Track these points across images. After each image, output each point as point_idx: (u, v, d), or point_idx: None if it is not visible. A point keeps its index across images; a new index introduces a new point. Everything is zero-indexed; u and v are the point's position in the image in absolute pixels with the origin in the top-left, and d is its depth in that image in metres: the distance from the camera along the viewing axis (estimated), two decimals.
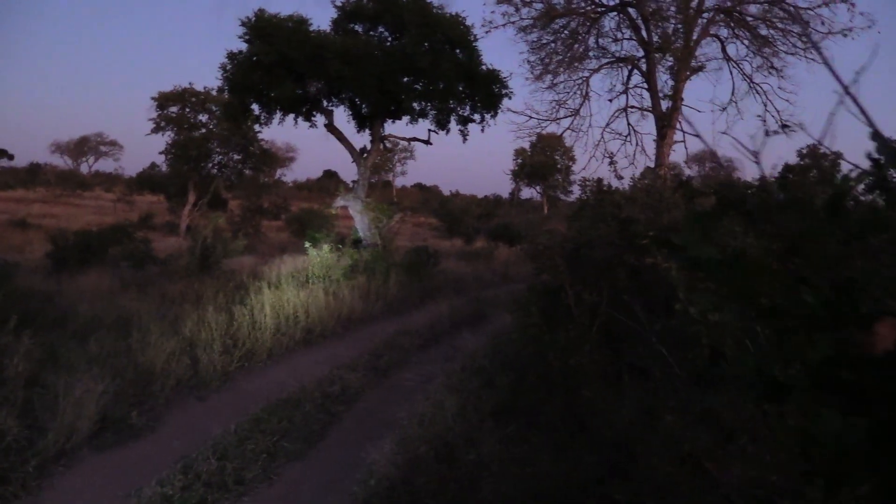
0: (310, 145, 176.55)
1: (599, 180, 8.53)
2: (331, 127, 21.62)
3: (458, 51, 21.24)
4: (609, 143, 15.94)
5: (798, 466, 1.74)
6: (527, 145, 52.31)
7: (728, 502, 3.45)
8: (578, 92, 15.78)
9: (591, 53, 15.53)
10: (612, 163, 14.46)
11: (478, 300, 14.49)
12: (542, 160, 53.25)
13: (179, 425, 6.75)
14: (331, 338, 10.86)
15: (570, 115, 15.82)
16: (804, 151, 39.99)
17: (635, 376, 5.77)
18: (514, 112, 16.73)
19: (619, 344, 6.72)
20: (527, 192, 60.29)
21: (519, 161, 54.93)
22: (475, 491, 5.07)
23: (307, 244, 15.37)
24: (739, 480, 3.39)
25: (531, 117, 15.97)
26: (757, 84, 14.62)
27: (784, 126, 13.72)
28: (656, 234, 5.74)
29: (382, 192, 59.61)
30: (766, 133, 2.09)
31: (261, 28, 19.80)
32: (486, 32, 15.16)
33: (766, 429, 2.76)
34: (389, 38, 21.74)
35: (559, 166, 54.21)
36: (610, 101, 15.73)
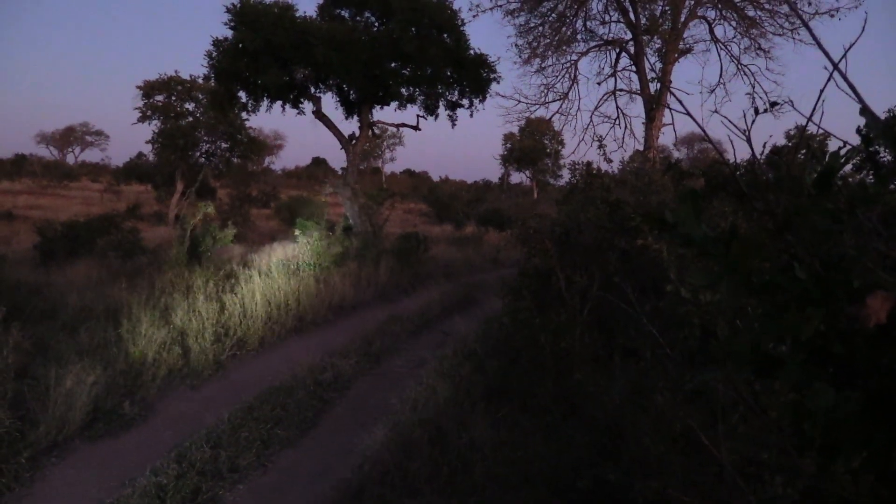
0: (298, 133, 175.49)
1: (589, 163, 8.50)
2: (319, 114, 21.47)
3: (445, 35, 21.12)
4: (598, 127, 15.96)
5: (791, 441, 1.76)
6: (516, 130, 52.31)
7: (720, 480, 3.49)
8: (567, 75, 15.73)
9: (578, 36, 15.45)
10: (601, 146, 14.36)
11: (468, 285, 14.52)
12: (531, 144, 53.13)
13: (172, 415, 6.74)
14: (322, 325, 10.84)
15: (558, 99, 15.77)
16: (792, 132, 40.19)
17: (626, 358, 5.79)
18: (503, 96, 16.64)
19: (609, 326, 6.76)
20: (516, 177, 60.30)
21: (508, 146, 54.82)
22: (468, 474, 5.10)
23: (297, 232, 15.32)
24: (731, 458, 3.42)
25: (520, 101, 15.87)
26: (745, 66, 14.63)
27: (773, 104, 13.67)
28: (648, 213, 5.73)
29: (372, 179, 59.52)
30: (756, 112, 2.09)
31: (246, 14, 19.58)
32: (474, 16, 15.07)
33: (757, 406, 2.78)
34: (376, 24, 21.57)
35: (548, 150, 54.11)
36: (599, 84, 15.71)
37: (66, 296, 10.12)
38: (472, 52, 21.45)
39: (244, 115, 22.16)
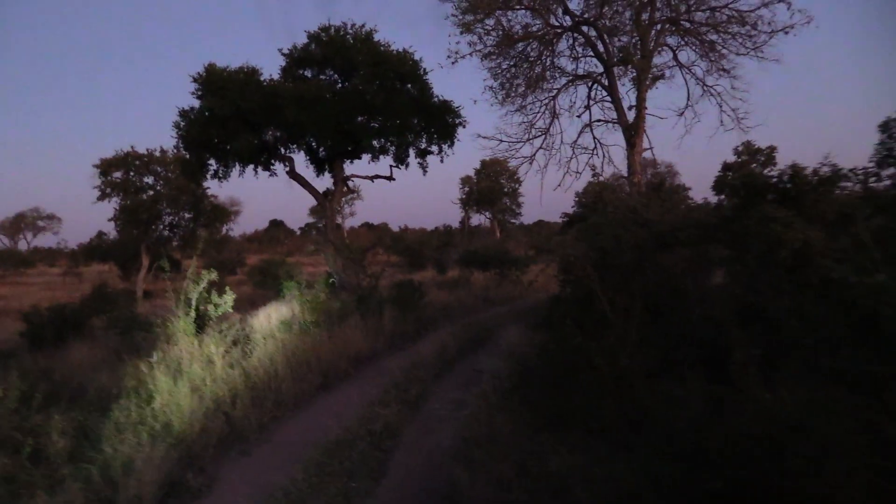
0: (251, 197, 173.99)
1: (600, 191, 8.80)
2: (293, 174, 21.59)
3: (409, 85, 21.58)
4: (580, 158, 16.40)
5: None
6: (473, 172, 53.12)
7: None
8: (546, 111, 16.22)
9: (547, 74, 15.99)
10: (594, 175, 14.87)
11: (471, 325, 14.64)
12: (488, 185, 53.97)
13: (235, 481, 6.61)
14: (345, 379, 10.77)
15: (540, 135, 16.24)
16: (739, 148, 41.82)
17: (696, 368, 5.94)
18: (485, 137, 17.04)
19: (660, 340, 6.94)
20: (475, 219, 60.99)
21: (466, 189, 55.58)
22: (570, 500, 5.13)
23: (294, 292, 15.25)
24: None
25: (502, 140, 16.25)
26: (710, 87, 15.36)
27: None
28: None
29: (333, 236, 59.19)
30: None
31: (213, 82, 19.73)
32: (453, 63, 15.45)
33: None
34: (339, 81, 21.91)
35: (506, 190, 55.02)
36: (578, 116, 16.21)
37: (77, 379, 9.88)
38: (436, 99, 21.95)
39: (216, 182, 22.05)
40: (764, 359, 5.39)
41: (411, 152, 22.27)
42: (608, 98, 15.45)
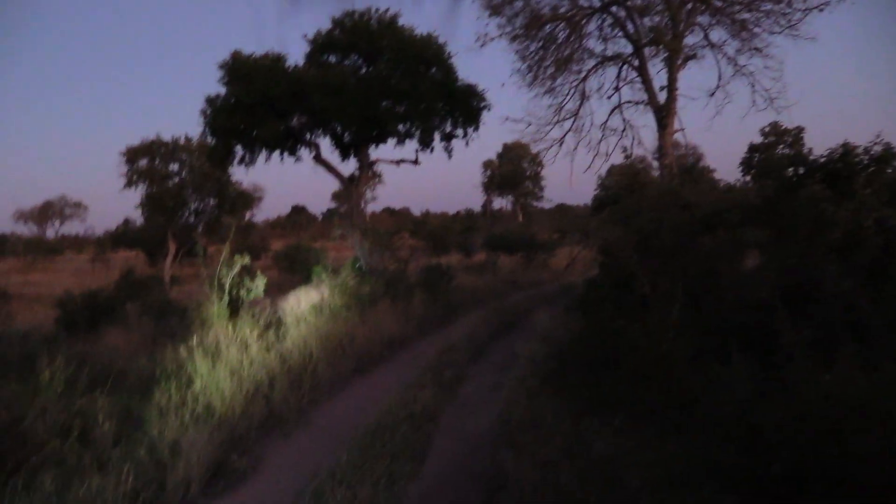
0: (273, 183, 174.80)
1: (636, 173, 8.71)
2: (319, 159, 21.64)
3: (433, 69, 21.49)
4: (609, 140, 16.22)
5: None
6: (495, 156, 52.88)
7: None
8: (575, 93, 16.04)
9: (576, 56, 15.80)
10: (627, 157, 14.75)
11: (501, 309, 14.64)
12: (511, 169, 53.77)
13: (279, 463, 6.67)
14: (379, 362, 10.83)
15: (569, 118, 16.08)
16: (766, 129, 41.15)
17: (745, 352, 5.86)
18: (514, 120, 16.88)
19: (702, 324, 6.86)
20: (497, 203, 60.81)
21: (488, 173, 55.41)
22: (621, 485, 5.11)
23: (322, 276, 15.31)
24: None
25: (530, 123, 16.11)
26: (742, 66, 15.07)
27: None
28: None
29: (359, 220, 59.39)
30: None
31: (239, 69, 19.79)
32: (482, 46, 15.31)
33: None
34: (364, 66, 21.87)
35: (528, 173, 54.78)
36: (608, 98, 16.02)
37: (117, 363, 9.99)
38: (461, 82, 21.85)
39: (242, 168, 22.16)
40: (817, 341, 5.30)
41: (436, 136, 22.21)
42: (638, 79, 15.25)
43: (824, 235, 5.65)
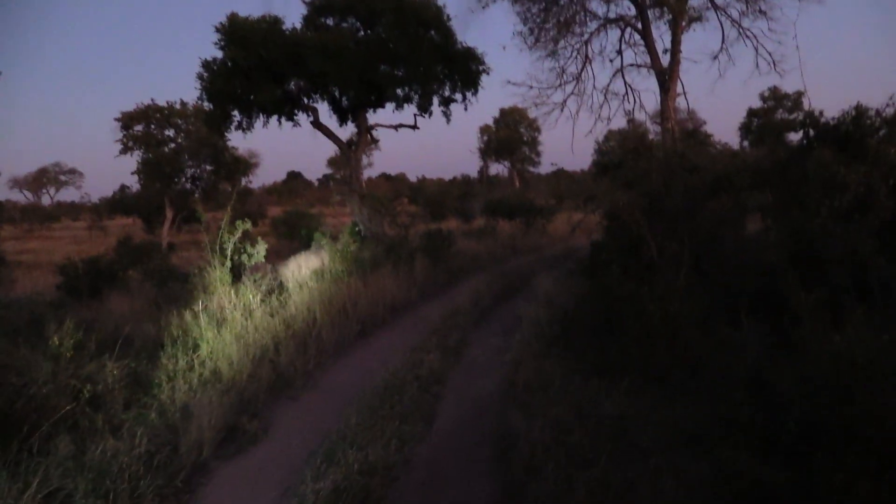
0: (268, 149, 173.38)
1: (642, 136, 8.65)
2: (317, 124, 21.39)
3: (432, 32, 21.16)
4: (611, 104, 16.10)
5: None
6: (492, 121, 52.48)
7: None
8: (578, 56, 15.87)
9: (577, 18, 15.61)
10: (630, 120, 14.67)
11: (503, 274, 14.69)
12: (508, 135, 53.41)
13: (289, 425, 6.74)
14: (382, 326, 10.89)
15: (571, 81, 15.93)
16: (765, 94, 40.85)
17: (753, 315, 5.90)
18: (515, 84, 16.74)
19: (709, 287, 6.89)
20: (493, 169, 60.53)
21: (485, 138, 55.05)
22: (632, 443, 5.17)
23: (322, 241, 15.29)
24: None
25: (532, 87, 15.96)
26: (746, 29, 14.92)
27: None
28: None
29: (358, 186, 59.25)
30: None
31: (236, 32, 19.42)
32: (484, 7, 15.13)
33: None
34: (362, 29, 21.53)
35: (525, 139, 54.45)
36: (611, 61, 15.86)
37: (122, 328, 10.00)
38: (459, 45, 21.54)
39: (240, 133, 21.90)
40: (824, 303, 5.33)
41: (435, 100, 21.95)
42: (641, 42, 15.08)
43: (835, 199, 5.63)
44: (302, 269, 15.00)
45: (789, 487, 3.75)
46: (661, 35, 14.68)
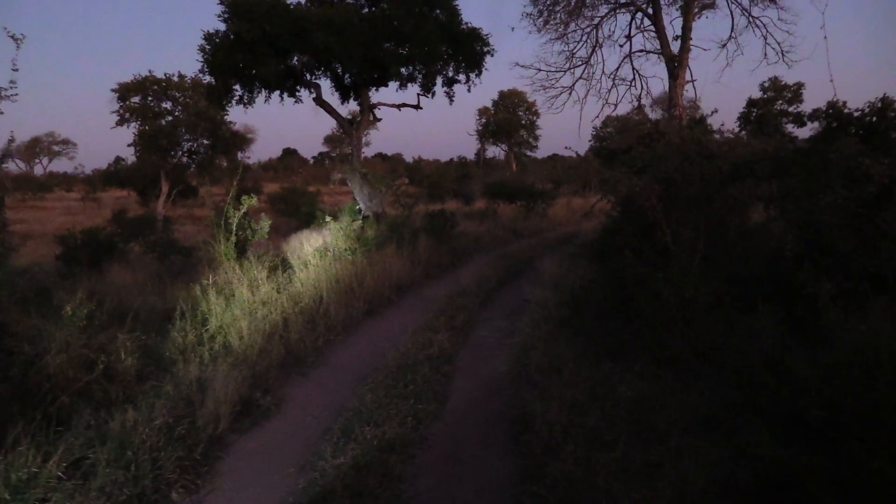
0: (264, 124, 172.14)
1: (656, 123, 8.64)
2: (320, 100, 21.25)
3: (437, 11, 20.99)
4: (619, 89, 16.05)
5: None
6: (490, 103, 52.24)
7: None
8: (588, 40, 15.79)
9: (587, 1, 15.50)
10: (639, 106, 14.63)
11: (506, 256, 14.75)
12: (506, 117, 53.20)
13: (301, 401, 6.76)
14: (388, 306, 10.92)
15: (580, 65, 15.85)
16: (766, 84, 40.79)
17: (769, 302, 5.93)
18: (523, 66, 16.65)
19: (723, 273, 6.92)
20: (490, 152, 60.34)
21: (483, 120, 54.82)
22: (649, 425, 5.22)
23: (327, 219, 15.24)
24: None
25: (540, 70, 15.89)
26: (756, 18, 14.86)
27: None
28: None
29: (360, 164, 59.11)
30: None
31: (240, 5, 19.22)
32: None
33: None
34: (366, 5, 21.35)
35: (523, 122, 54.27)
36: (620, 46, 15.78)
37: (126, 300, 9.97)
38: (465, 26, 21.39)
39: (241, 108, 21.74)
40: (842, 292, 5.37)
41: (439, 81, 21.83)
42: (651, 28, 15.01)
43: (857, 189, 5.65)
44: (304, 246, 14.98)
45: (814, 470, 3.80)
46: (672, 21, 14.62)
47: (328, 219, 15.20)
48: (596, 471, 4.60)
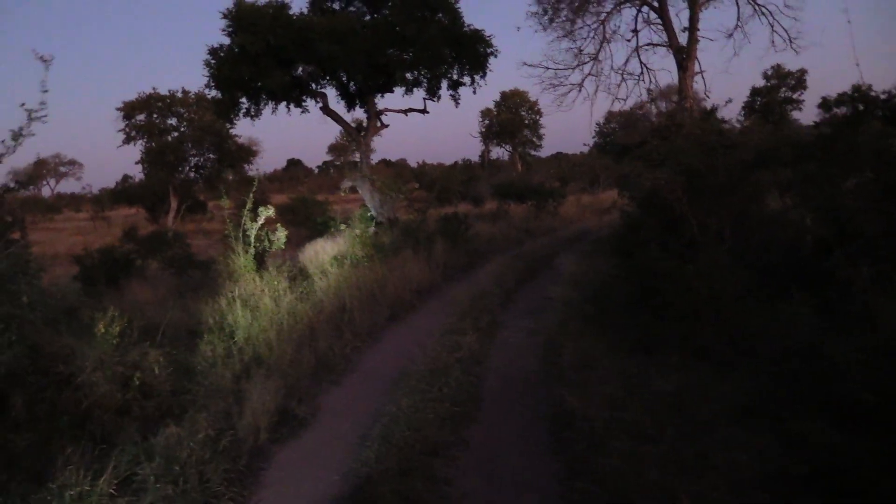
0: (267, 136, 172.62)
1: (671, 115, 8.64)
2: (327, 109, 21.31)
3: (439, 15, 21.03)
4: (627, 83, 16.04)
5: None
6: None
7: None
8: (595, 36, 15.79)
9: None
10: (652, 99, 14.64)
11: (521, 256, 14.76)
12: (508, 118, 53.22)
13: (336, 409, 6.77)
14: (410, 310, 10.93)
15: (589, 61, 15.86)
16: (769, 72, 40.69)
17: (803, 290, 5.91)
18: (530, 65, 16.65)
19: (750, 263, 6.91)
20: (494, 153, 60.33)
21: (486, 122, 54.85)
22: (690, 418, 5.21)
23: (341, 228, 15.30)
24: None
25: (548, 68, 15.90)
26: (761, 6, 14.84)
27: None
28: None
29: (369, 171, 59.19)
30: None
31: (243, 18, 19.29)
32: None
33: None
34: (368, 13, 21.43)
35: (527, 122, 54.29)
36: (628, 41, 15.78)
37: (149, 315, 10.00)
38: (467, 28, 21.43)
39: (248, 120, 21.83)
40: (875, 277, 5.36)
41: (443, 84, 21.87)
42: (658, 20, 15.01)
43: (886, 173, 5.63)
44: (319, 255, 15.02)
45: (872, 456, 3.78)
46: (678, 13, 14.61)
47: (343, 227, 15.25)
48: (645, 464, 4.59)
